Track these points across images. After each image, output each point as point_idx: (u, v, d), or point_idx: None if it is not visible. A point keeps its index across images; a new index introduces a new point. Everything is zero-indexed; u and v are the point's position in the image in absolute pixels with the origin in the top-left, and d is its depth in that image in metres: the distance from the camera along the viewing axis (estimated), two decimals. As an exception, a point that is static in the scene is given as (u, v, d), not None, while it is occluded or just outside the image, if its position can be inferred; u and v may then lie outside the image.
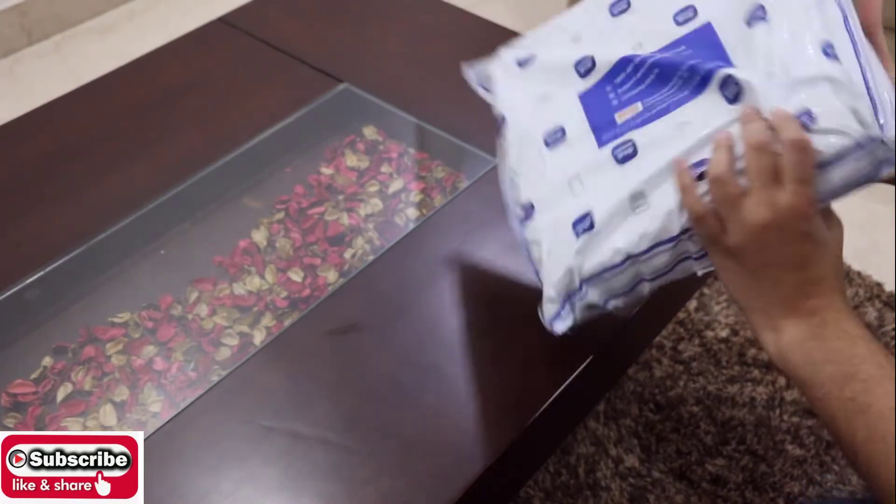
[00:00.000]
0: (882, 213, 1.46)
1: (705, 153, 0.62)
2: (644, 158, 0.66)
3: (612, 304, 0.68)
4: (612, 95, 0.71)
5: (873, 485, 0.54)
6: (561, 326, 0.69)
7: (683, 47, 0.69)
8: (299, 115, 1.11)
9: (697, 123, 0.64)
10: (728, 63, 0.65)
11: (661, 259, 0.65)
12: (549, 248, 0.69)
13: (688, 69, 0.66)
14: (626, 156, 0.67)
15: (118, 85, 1.18)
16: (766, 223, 0.57)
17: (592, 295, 0.68)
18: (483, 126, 1.06)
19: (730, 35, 0.67)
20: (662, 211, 0.63)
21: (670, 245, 0.64)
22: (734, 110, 0.62)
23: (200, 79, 1.18)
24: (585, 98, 0.73)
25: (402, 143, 1.12)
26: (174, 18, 2.20)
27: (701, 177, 0.61)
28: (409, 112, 1.10)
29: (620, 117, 0.69)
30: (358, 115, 1.15)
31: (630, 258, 0.65)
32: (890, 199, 1.45)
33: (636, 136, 0.67)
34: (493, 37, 1.25)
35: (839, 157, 0.59)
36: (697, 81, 0.65)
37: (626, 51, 0.71)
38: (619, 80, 0.71)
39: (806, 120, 0.59)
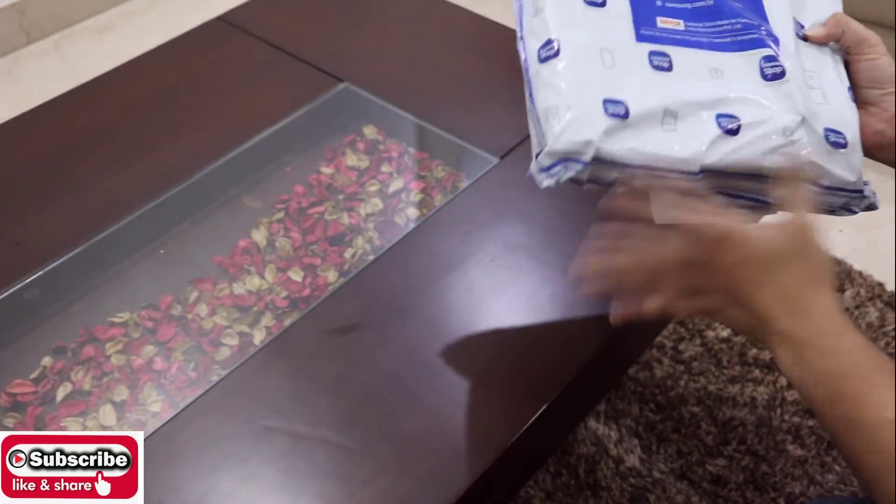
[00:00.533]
0: (881, 212, 1.45)
1: (730, 108, 0.65)
2: (677, 81, 0.66)
3: (586, 187, 0.66)
4: None
5: (876, 496, 0.54)
6: (547, 182, 0.65)
7: None
8: (299, 114, 1.11)
9: (728, 79, 0.66)
10: (775, 39, 0.68)
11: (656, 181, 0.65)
12: (574, 108, 0.64)
13: (741, 26, 0.68)
14: (660, 66, 0.66)
15: (117, 84, 1.18)
16: (666, 307, 0.63)
17: (583, 171, 0.65)
18: (484, 125, 1.06)
19: (779, 25, 0.70)
20: (690, 146, 0.64)
21: (678, 177, 0.65)
22: (766, 86, 0.66)
23: (200, 78, 1.18)
24: None
25: (403, 142, 1.12)
26: (173, 17, 2.20)
27: (734, 132, 0.64)
28: (409, 111, 1.10)
29: (661, 22, 0.68)
30: (358, 115, 1.15)
31: (640, 167, 0.64)
32: (890, 198, 1.45)
33: (672, 52, 0.67)
34: (493, 35, 1.26)
35: (837, 189, 0.67)
36: (743, 40, 0.67)
37: None
38: None
39: (837, 140, 0.66)
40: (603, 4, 0.69)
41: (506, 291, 0.86)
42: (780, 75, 0.66)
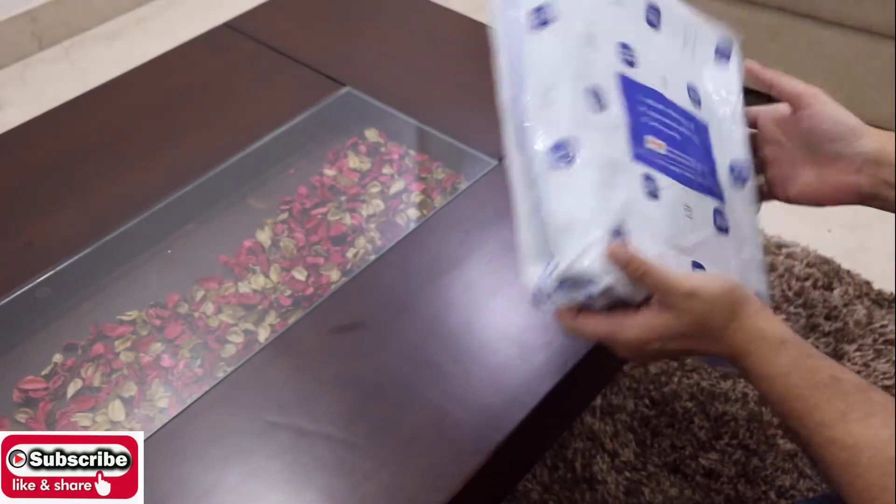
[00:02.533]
0: (870, 212, 1.46)
1: (696, 255, 0.64)
2: (662, 216, 0.63)
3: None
4: (642, 108, 0.66)
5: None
6: (550, 306, 0.63)
7: (693, 127, 0.69)
8: (303, 117, 1.12)
9: (695, 221, 0.65)
10: (720, 193, 0.69)
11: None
12: (595, 229, 0.60)
13: (700, 171, 0.67)
14: (651, 193, 0.63)
15: (126, 89, 1.20)
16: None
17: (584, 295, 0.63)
18: (482, 128, 1.07)
19: (720, 158, 0.71)
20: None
21: None
22: (717, 237, 0.67)
23: (207, 83, 1.20)
24: (626, 83, 0.66)
25: (403, 145, 1.14)
26: (181, 24, 2.21)
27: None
28: (410, 115, 1.12)
29: (649, 142, 0.64)
30: (360, 118, 1.16)
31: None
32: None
33: (659, 179, 0.64)
34: (491, 41, 1.27)
35: None
36: (703, 184, 0.67)
37: (657, 74, 0.68)
38: (649, 102, 0.67)
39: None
40: (601, 109, 0.64)
41: (504, 290, 0.87)
42: (726, 231, 0.67)
